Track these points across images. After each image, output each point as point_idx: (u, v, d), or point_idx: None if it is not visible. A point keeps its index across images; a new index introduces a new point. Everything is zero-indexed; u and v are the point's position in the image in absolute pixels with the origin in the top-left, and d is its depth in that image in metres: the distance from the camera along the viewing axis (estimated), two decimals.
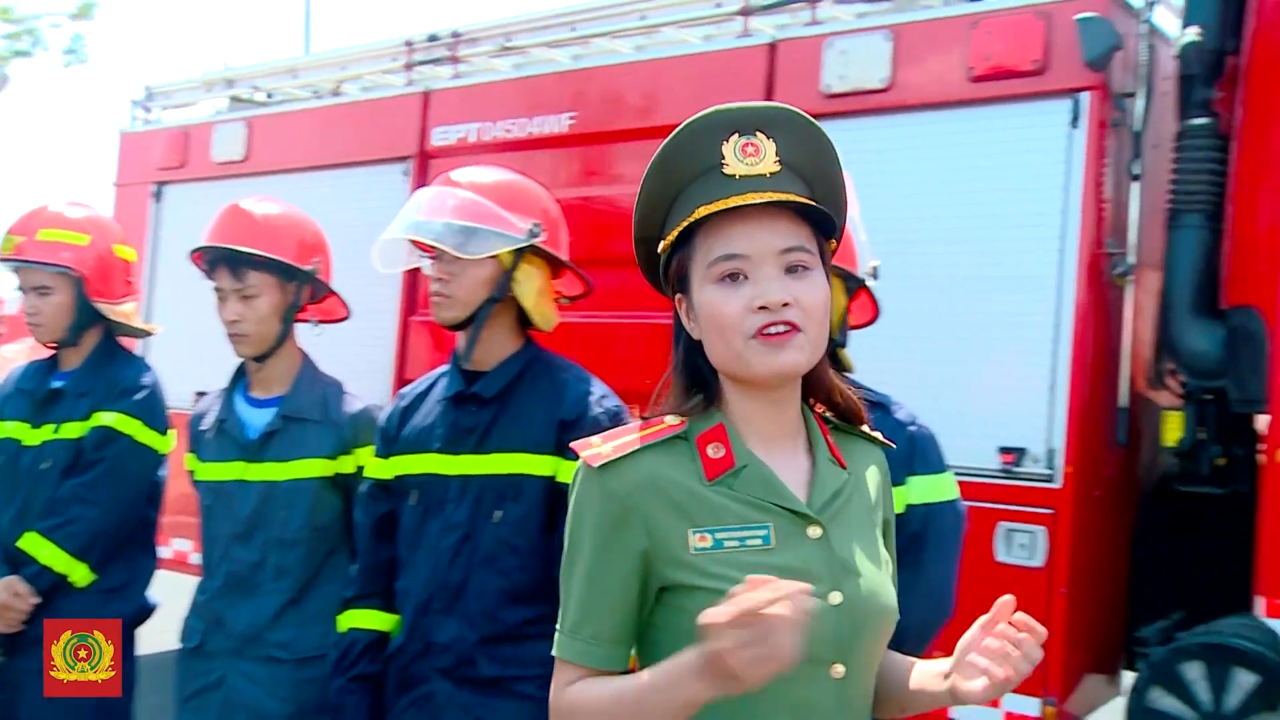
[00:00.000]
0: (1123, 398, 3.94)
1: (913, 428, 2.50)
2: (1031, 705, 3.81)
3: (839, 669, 1.55)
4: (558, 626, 1.66)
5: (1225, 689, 3.40)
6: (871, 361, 2.77)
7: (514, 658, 2.62)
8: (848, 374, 2.60)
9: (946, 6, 4.35)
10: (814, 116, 4.53)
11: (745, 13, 4.90)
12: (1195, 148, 3.89)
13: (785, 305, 1.53)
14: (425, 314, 5.17)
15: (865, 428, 1.73)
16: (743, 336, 1.54)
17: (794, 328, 1.54)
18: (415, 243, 2.75)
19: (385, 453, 2.80)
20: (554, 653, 1.65)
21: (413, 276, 5.25)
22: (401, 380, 5.22)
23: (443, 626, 2.63)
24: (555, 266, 2.81)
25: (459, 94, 5.59)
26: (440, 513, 2.68)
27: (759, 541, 1.55)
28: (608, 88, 5.05)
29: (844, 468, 1.66)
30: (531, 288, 2.71)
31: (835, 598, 1.55)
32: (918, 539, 2.46)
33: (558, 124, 5.14)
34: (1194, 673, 3.46)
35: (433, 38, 6.01)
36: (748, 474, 1.59)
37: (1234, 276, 3.74)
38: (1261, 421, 3.72)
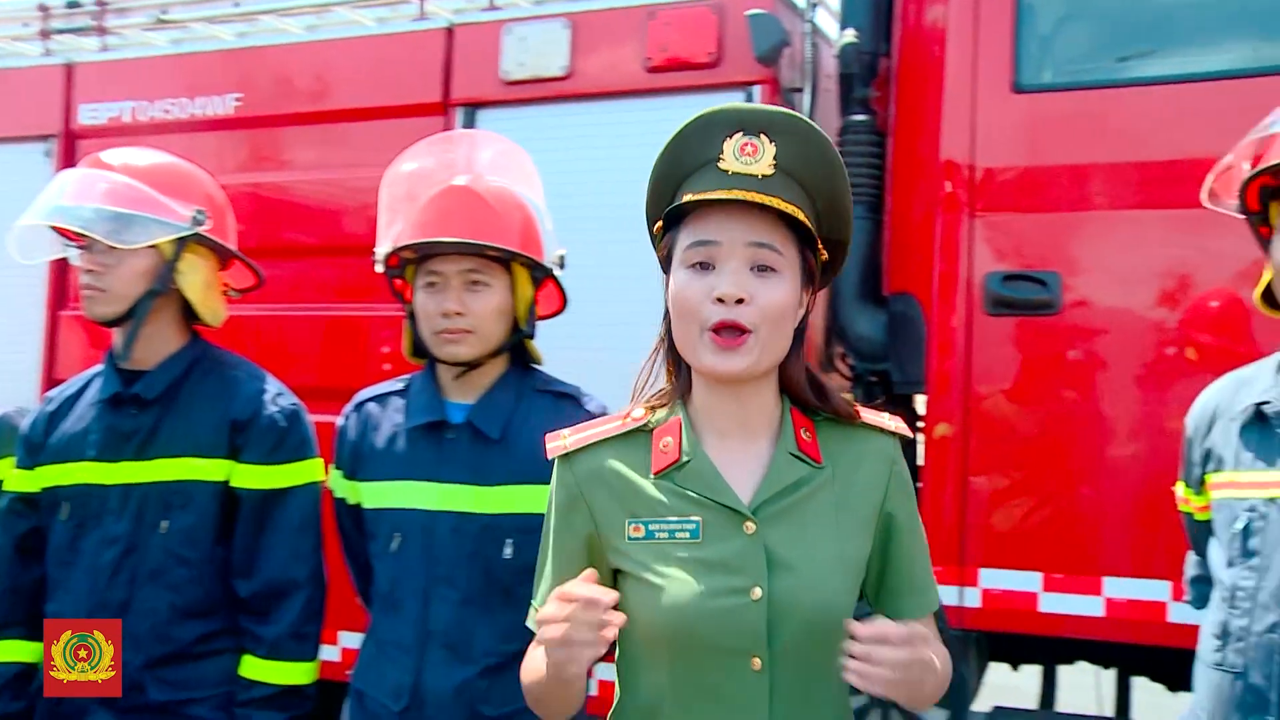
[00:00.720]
0: None
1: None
2: None
3: (757, 662, 1.61)
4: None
5: None
6: (560, 352, 2.74)
7: (187, 679, 2.44)
8: (536, 365, 2.57)
9: None
10: (493, 104, 4.43)
11: None
12: (855, 143, 4.07)
13: (740, 301, 1.60)
14: (77, 308, 4.76)
15: (873, 419, 1.76)
16: (699, 325, 1.62)
17: (745, 331, 1.60)
18: (62, 230, 2.50)
19: (30, 463, 2.54)
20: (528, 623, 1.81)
21: (63, 266, 4.81)
22: (51, 382, 4.78)
23: None
24: (223, 257, 2.63)
25: (109, 69, 5.15)
26: (98, 526, 2.46)
27: (687, 535, 1.65)
28: (277, 69, 4.79)
29: (818, 462, 1.70)
30: (197, 280, 2.53)
31: (756, 593, 1.61)
32: None
33: (223, 105, 4.84)
34: None
35: (73, 4, 5.51)
36: (690, 468, 1.68)
37: (894, 265, 3.96)
38: (920, 402, 3.96)
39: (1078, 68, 3.73)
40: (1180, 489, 2.39)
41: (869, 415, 1.77)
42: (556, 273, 2.57)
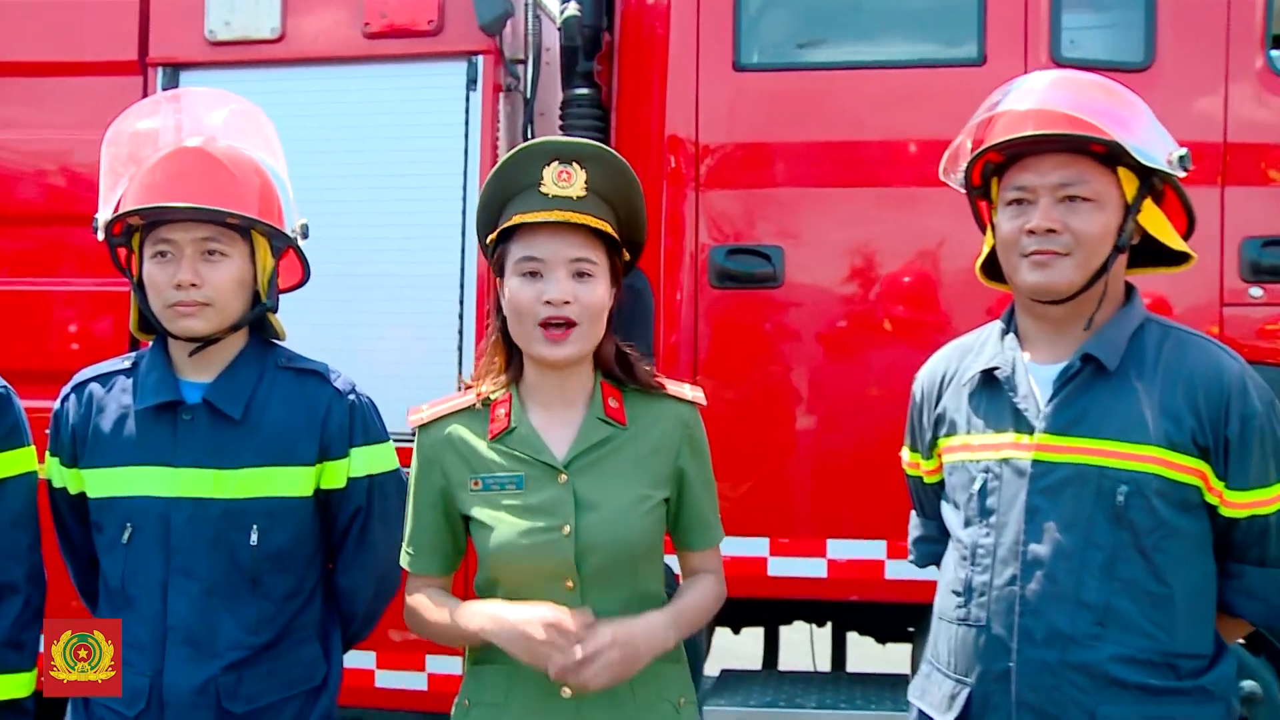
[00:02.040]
0: None
1: (352, 397, 2.37)
2: (454, 664, 3.84)
3: (570, 584, 2.03)
4: None
5: None
6: (292, 327, 2.59)
7: None
8: (278, 341, 2.42)
9: None
10: (197, 65, 4.17)
11: None
12: (578, 116, 4.07)
13: (566, 303, 2.00)
14: None
15: (674, 389, 2.17)
16: (532, 321, 2.03)
17: (570, 324, 2.01)
18: None
19: None
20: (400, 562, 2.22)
21: None
22: None
23: None
24: None
25: None
26: None
27: (514, 486, 2.07)
28: None
29: (622, 424, 2.11)
30: None
31: (565, 529, 2.03)
32: (362, 512, 2.36)
33: None
34: None
35: None
36: (517, 434, 2.09)
37: None
38: None
39: (796, 49, 3.88)
40: (907, 454, 2.48)
41: (672, 387, 2.18)
42: (300, 243, 2.42)
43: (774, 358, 3.73)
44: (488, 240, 2.12)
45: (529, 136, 4.11)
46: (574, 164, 2.03)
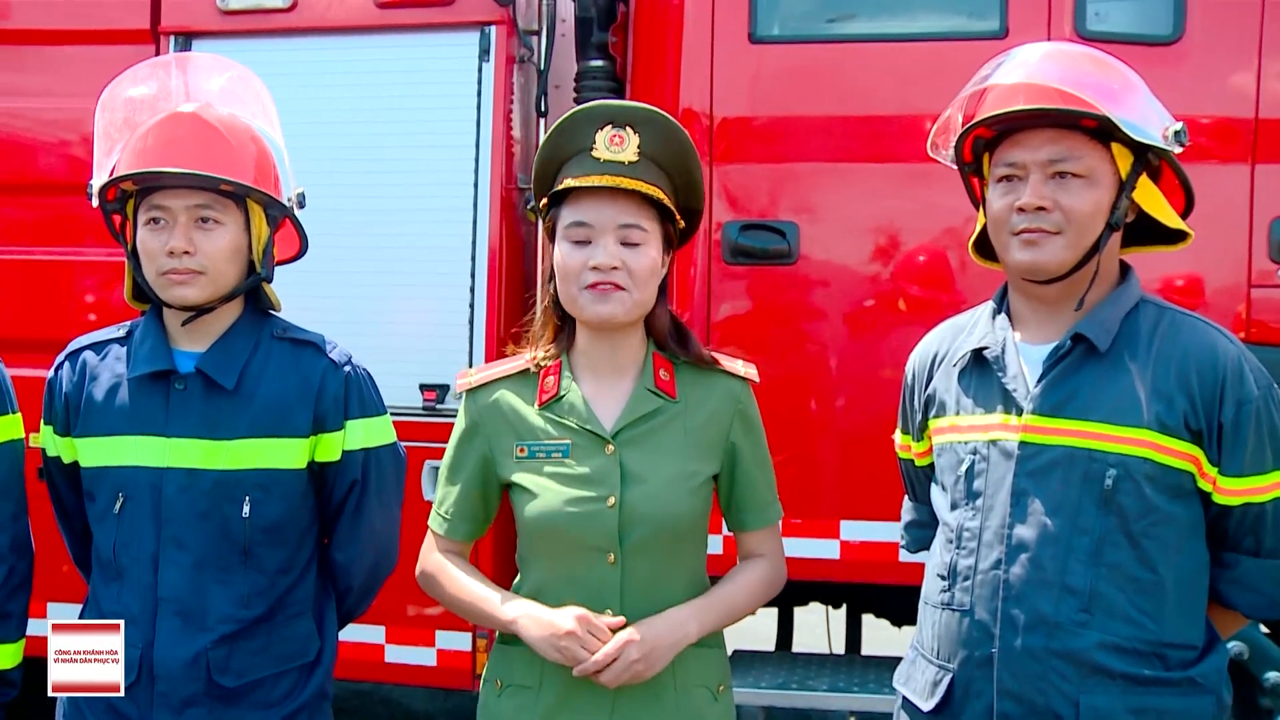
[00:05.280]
0: None
1: (348, 369, 2.33)
2: (463, 640, 3.84)
3: (611, 557, 2.02)
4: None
5: None
6: (293, 299, 2.55)
7: None
8: (275, 312, 2.39)
9: None
10: (209, 34, 4.12)
11: None
12: (593, 89, 4.01)
13: (614, 269, 2.00)
14: None
15: (727, 365, 2.16)
16: (577, 286, 2.03)
17: (619, 287, 2.01)
18: None
19: None
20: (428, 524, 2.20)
21: None
22: None
23: None
24: None
25: None
26: None
27: (560, 454, 2.06)
28: None
29: (672, 397, 2.10)
30: None
31: (611, 501, 2.02)
32: (358, 486, 2.33)
33: None
34: None
35: None
36: (565, 401, 2.09)
37: None
38: None
39: (814, 20, 3.79)
40: (899, 436, 2.43)
41: (725, 362, 2.17)
42: (296, 213, 2.38)
43: (788, 336, 3.66)
44: (541, 206, 2.12)
45: (543, 109, 4.05)
46: (627, 128, 2.03)
